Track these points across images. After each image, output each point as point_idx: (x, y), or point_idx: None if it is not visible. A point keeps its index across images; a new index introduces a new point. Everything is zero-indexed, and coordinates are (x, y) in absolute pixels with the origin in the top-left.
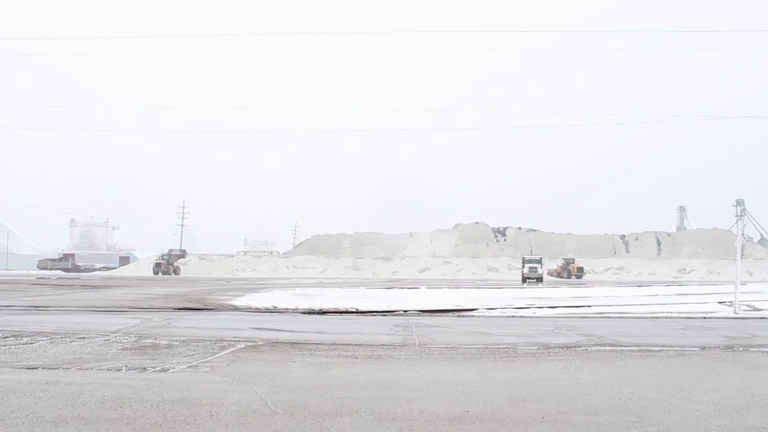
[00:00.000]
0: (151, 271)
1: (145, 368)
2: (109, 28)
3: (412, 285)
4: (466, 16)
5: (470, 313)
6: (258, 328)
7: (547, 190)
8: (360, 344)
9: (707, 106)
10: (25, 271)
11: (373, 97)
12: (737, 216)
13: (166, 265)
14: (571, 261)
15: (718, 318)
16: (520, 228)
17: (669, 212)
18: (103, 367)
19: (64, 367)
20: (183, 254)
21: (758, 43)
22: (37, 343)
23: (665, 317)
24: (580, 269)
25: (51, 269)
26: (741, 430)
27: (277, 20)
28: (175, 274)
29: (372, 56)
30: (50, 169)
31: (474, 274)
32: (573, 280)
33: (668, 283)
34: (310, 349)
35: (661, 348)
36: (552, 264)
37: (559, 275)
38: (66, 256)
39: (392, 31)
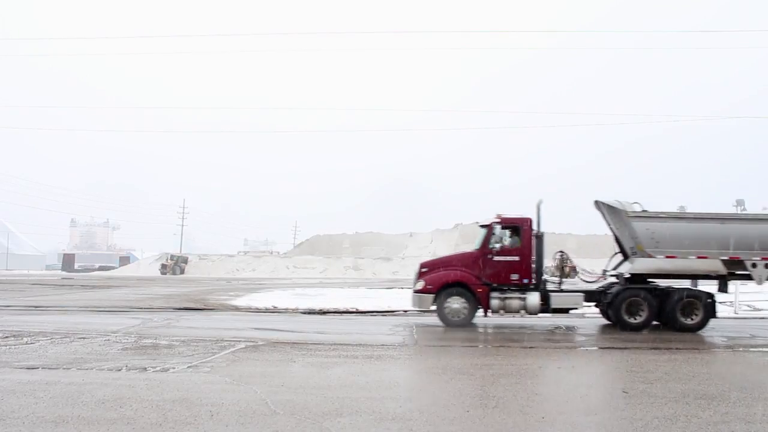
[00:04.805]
0: (152, 271)
1: (145, 368)
2: (109, 28)
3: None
4: (468, 18)
5: None
6: (258, 328)
7: (547, 190)
8: (360, 344)
9: (707, 107)
10: (25, 271)
11: (374, 97)
12: None
13: (174, 267)
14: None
15: (718, 318)
16: None
17: None
18: (103, 367)
19: (65, 367)
20: (185, 260)
21: (759, 44)
22: (38, 343)
23: None
24: (573, 269)
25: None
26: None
27: (278, 20)
28: (181, 273)
29: (373, 57)
30: (50, 169)
31: None
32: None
33: None
34: (311, 349)
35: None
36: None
37: (553, 275)
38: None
39: (395, 31)
